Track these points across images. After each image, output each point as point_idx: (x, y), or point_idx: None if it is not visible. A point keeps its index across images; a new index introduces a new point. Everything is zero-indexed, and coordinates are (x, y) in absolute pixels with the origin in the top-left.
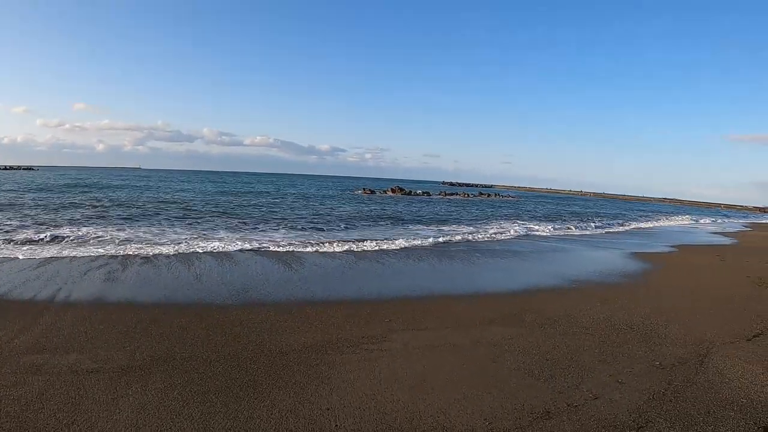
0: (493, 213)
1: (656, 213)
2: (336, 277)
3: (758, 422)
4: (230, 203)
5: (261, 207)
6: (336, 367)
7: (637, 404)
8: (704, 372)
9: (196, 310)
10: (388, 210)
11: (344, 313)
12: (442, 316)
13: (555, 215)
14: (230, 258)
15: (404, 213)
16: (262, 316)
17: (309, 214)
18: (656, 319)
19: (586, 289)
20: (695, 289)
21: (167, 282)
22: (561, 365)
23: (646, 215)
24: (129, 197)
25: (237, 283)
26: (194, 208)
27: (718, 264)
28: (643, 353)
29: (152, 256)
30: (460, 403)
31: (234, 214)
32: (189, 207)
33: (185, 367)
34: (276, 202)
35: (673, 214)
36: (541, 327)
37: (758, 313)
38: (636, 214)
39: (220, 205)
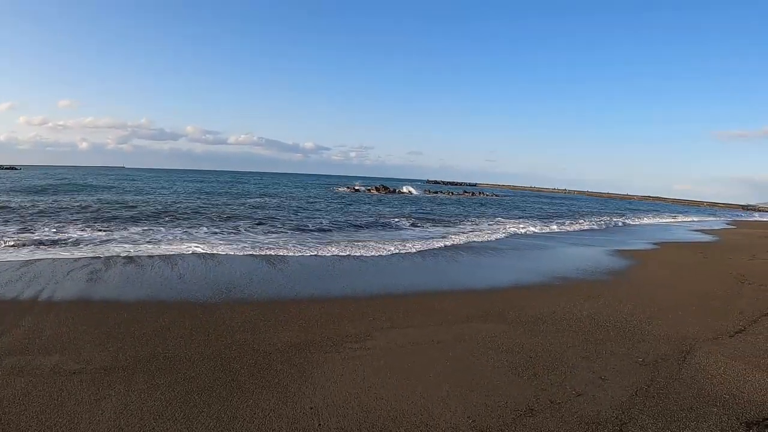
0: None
1: (640, 210)
2: (319, 275)
3: (740, 418)
4: (214, 203)
5: (245, 207)
6: (319, 366)
7: (620, 401)
8: (687, 368)
9: (179, 309)
10: (372, 208)
11: (328, 312)
12: (426, 313)
13: (539, 213)
14: (213, 258)
15: (388, 211)
16: (245, 315)
17: (292, 212)
18: (639, 316)
19: (570, 286)
20: (678, 285)
21: (150, 282)
22: (544, 362)
23: (630, 212)
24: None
25: (220, 282)
26: (178, 209)
27: (701, 261)
28: (626, 350)
29: (135, 256)
30: (443, 400)
31: (217, 214)
32: (173, 207)
33: (168, 367)
34: (260, 201)
35: (657, 212)
36: (524, 324)
37: (741, 310)
38: (620, 212)
39: (203, 205)
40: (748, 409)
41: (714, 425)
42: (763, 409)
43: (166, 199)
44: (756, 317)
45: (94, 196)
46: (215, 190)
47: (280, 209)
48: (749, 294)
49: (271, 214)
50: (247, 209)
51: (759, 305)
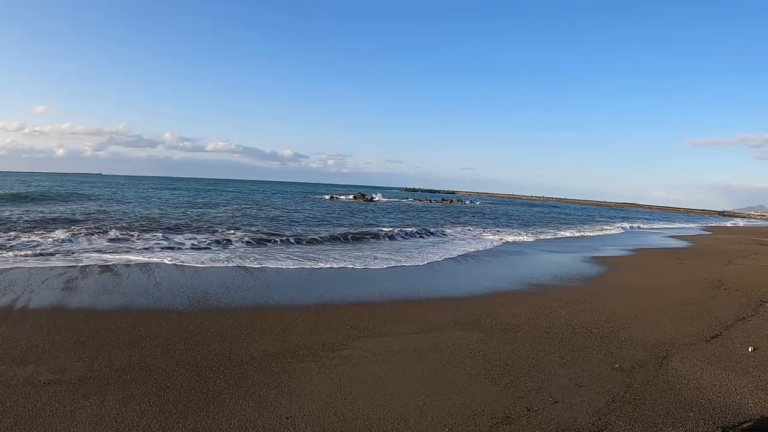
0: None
1: (617, 217)
2: (296, 284)
3: (717, 422)
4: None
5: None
6: (296, 375)
7: (597, 407)
8: (663, 374)
9: (155, 319)
10: (350, 216)
11: (304, 321)
12: (403, 321)
13: (516, 219)
14: (190, 267)
15: (366, 219)
16: (221, 324)
17: (270, 222)
18: (616, 322)
19: (546, 293)
20: (654, 291)
21: (126, 291)
22: (521, 369)
23: (607, 220)
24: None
25: (197, 291)
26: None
27: (677, 267)
28: (603, 356)
29: (111, 265)
30: (419, 409)
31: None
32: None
33: (144, 377)
34: (239, 209)
35: (633, 218)
36: (501, 331)
37: (716, 315)
38: (597, 219)
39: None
40: (725, 414)
41: (690, 430)
42: (739, 413)
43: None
44: (731, 322)
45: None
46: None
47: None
48: (725, 299)
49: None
50: (228, 218)
51: (735, 310)
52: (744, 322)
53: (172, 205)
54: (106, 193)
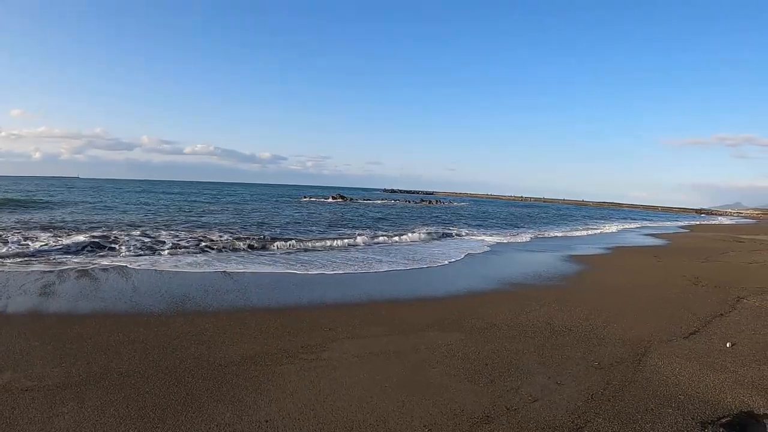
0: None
1: (595, 216)
2: (275, 286)
3: (696, 418)
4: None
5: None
6: (275, 379)
7: (576, 405)
8: (642, 370)
9: (133, 323)
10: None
11: (284, 323)
12: (382, 322)
13: (495, 220)
14: (168, 270)
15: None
16: (200, 328)
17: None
18: (595, 320)
19: (526, 292)
20: (633, 289)
21: (104, 295)
22: (500, 369)
23: (585, 218)
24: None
25: (175, 295)
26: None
27: (656, 264)
28: (581, 354)
29: (89, 269)
30: (399, 410)
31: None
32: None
33: (122, 383)
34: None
35: (612, 217)
36: (480, 331)
37: (694, 312)
38: (575, 218)
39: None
40: (703, 409)
41: (669, 426)
42: (717, 408)
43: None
44: (709, 318)
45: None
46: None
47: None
48: (703, 296)
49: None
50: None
51: (712, 307)
52: (722, 319)
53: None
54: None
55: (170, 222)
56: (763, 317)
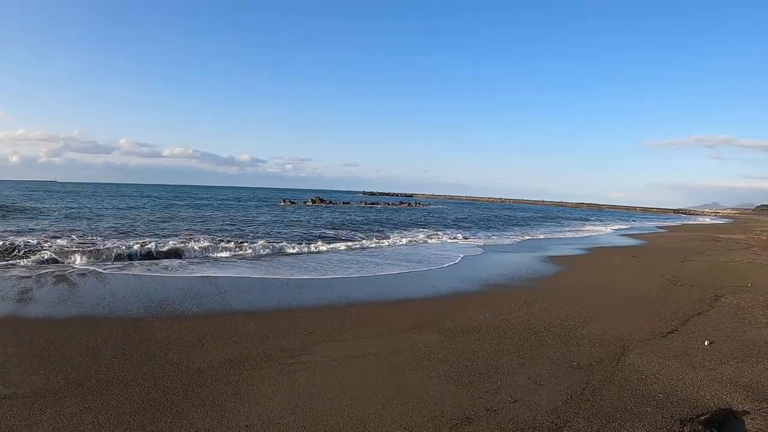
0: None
1: (574, 217)
2: (255, 289)
3: (675, 416)
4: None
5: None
6: (254, 383)
7: (555, 405)
8: (621, 370)
9: (112, 328)
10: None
11: (263, 326)
12: (362, 325)
13: (472, 222)
14: (148, 275)
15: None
16: (179, 332)
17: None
18: (574, 320)
19: (505, 293)
20: (612, 289)
21: (82, 300)
22: (480, 370)
23: (564, 219)
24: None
25: (153, 299)
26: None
27: (634, 264)
28: (561, 354)
29: (67, 273)
30: (379, 413)
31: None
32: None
33: (100, 389)
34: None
35: (591, 218)
36: (460, 333)
37: (673, 311)
38: (554, 219)
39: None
40: (682, 407)
41: (649, 424)
42: (696, 406)
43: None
44: (688, 317)
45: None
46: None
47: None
48: (681, 295)
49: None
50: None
51: (691, 305)
52: (700, 317)
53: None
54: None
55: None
56: (741, 315)
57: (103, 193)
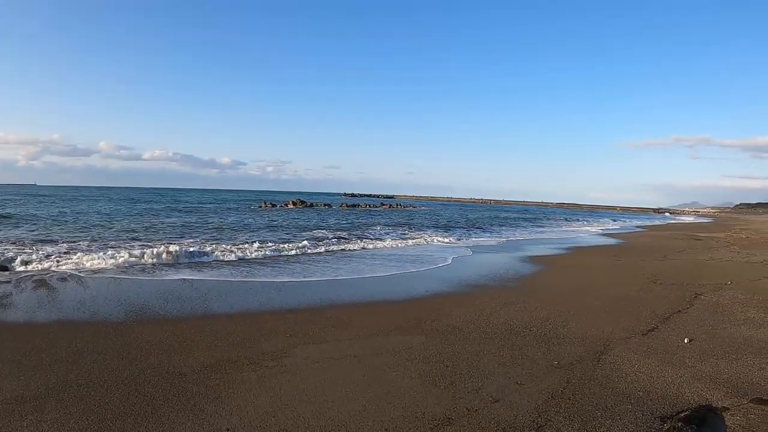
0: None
1: (555, 217)
2: (236, 292)
3: (654, 413)
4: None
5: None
6: (236, 386)
7: (536, 404)
8: (601, 368)
9: (93, 332)
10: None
11: (244, 330)
12: (343, 327)
13: (454, 223)
14: (128, 279)
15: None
16: (159, 336)
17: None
18: (555, 320)
19: (486, 293)
20: (592, 288)
21: (61, 305)
22: (461, 371)
23: (545, 219)
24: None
25: (135, 303)
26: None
27: (615, 264)
28: (542, 354)
29: (47, 277)
30: (360, 415)
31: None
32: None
33: (81, 394)
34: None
35: (572, 218)
36: (441, 334)
37: (653, 309)
38: (535, 219)
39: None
40: (662, 404)
41: (629, 422)
42: (676, 403)
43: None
44: (668, 315)
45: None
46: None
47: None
48: (661, 293)
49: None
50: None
51: (670, 304)
52: (679, 315)
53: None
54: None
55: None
56: (720, 313)
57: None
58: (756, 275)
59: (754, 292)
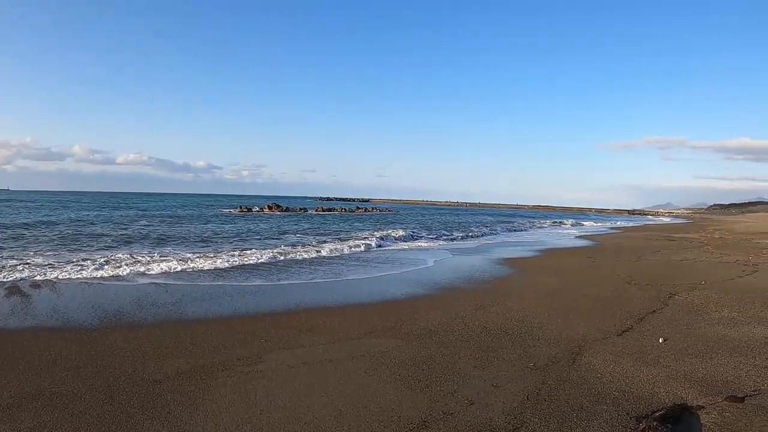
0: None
1: (530, 219)
2: (209, 298)
3: (630, 413)
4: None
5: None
6: (210, 392)
7: (512, 406)
8: (577, 369)
9: (66, 340)
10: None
11: (218, 335)
12: (318, 331)
13: (429, 226)
14: (100, 284)
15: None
16: (134, 343)
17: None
18: (531, 322)
19: (461, 296)
20: (568, 290)
21: (35, 311)
22: (437, 374)
23: (520, 222)
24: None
25: (108, 309)
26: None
27: (590, 265)
28: (517, 356)
29: (19, 285)
30: (336, 419)
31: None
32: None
33: (55, 403)
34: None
35: (547, 219)
36: (417, 337)
37: (627, 309)
38: (511, 221)
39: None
40: (637, 404)
41: (604, 422)
42: (651, 402)
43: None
44: (642, 315)
45: None
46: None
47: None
48: (636, 294)
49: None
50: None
51: (645, 304)
52: (654, 315)
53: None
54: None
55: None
56: (695, 312)
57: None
58: (729, 275)
59: (727, 292)
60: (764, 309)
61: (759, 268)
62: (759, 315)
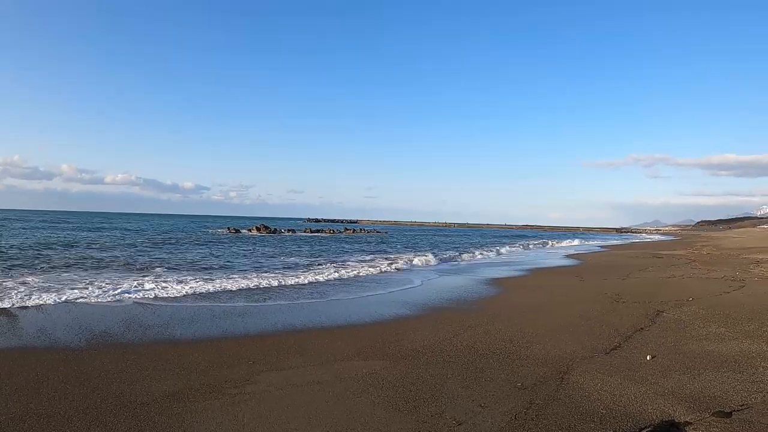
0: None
1: (519, 239)
2: (197, 320)
3: (617, 430)
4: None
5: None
6: (198, 415)
7: (500, 426)
8: (565, 388)
9: (54, 361)
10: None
11: (207, 357)
12: (306, 353)
13: (420, 247)
14: (89, 305)
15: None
16: (121, 365)
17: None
18: (518, 341)
19: (449, 316)
20: (556, 308)
21: (21, 333)
22: (425, 395)
23: (509, 241)
24: None
25: (96, 331)
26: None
27: (578, 284)
28: (505, 376)
29: (8, 307)
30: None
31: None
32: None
33: (41, 426)
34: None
35: (534, 239)
36: (404, 358)
37: (615, 327)
38: (498, 242)
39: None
40: (625, 421)
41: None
42: (639, 419)
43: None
44: (630, 333)
45: None
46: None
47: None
48: (623, 312)
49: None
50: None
51: (633, 322)
52: (642, 333)
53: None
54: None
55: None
56: (682, 329)
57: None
58: (717, 291)
59: (715, 308)
60: (751, 324)
61: (746, 283)
62: (746, 330)
